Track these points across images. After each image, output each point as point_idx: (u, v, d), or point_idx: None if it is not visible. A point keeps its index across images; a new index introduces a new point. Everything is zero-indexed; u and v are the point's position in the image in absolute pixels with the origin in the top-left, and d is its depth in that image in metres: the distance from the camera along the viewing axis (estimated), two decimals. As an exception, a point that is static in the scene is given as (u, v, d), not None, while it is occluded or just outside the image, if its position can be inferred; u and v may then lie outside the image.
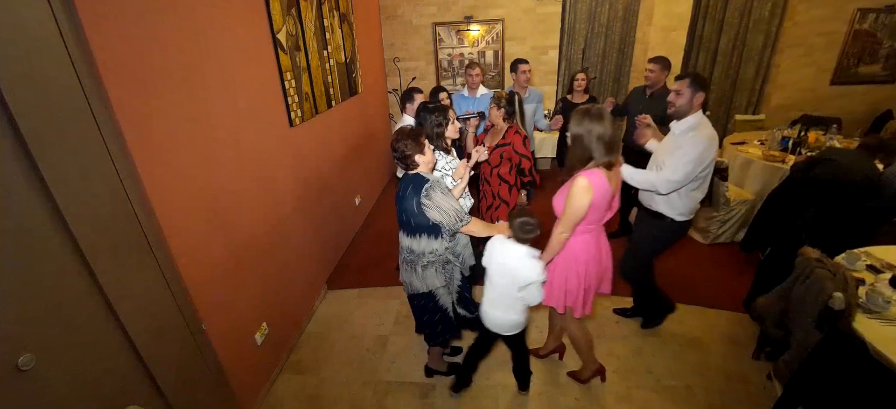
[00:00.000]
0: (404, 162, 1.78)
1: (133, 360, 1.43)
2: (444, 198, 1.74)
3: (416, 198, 1.73)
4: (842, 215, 2.44)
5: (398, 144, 1.75)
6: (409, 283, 1.95)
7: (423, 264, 1.86)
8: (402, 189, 1.83)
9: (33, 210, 1.12)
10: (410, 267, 1.90)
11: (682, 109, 2.03)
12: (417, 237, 1.84)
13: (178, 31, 1.65)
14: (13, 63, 1.05)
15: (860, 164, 2.45)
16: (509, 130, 2.51)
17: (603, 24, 4.67)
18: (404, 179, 1.85)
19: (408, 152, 1.74)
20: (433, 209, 1.73)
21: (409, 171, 1.82)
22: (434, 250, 1.85)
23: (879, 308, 1.66)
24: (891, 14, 4.61)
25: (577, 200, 1.65)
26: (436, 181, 1.76)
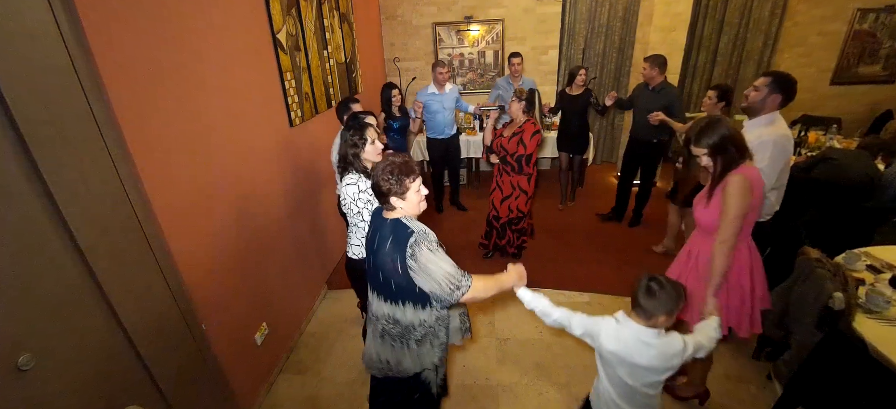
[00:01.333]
0: (378, 197, 1.37)
1: (133, 360, 1.43)
2: (434, 259, 1.29)
3: (400, 256, 1.29)
4: (842, 215, 2.44)
5: (379, 173, 1.32)
6: (396, 363, 1.47)
7: (416, 338, 1.43)
8: (373, 234, 1.42)
9: (33, 210, 1.12)
10: (399, 342, 1.44)
11: (754, 106, 2.01)
12: (400, 306, 1.39)
13: (178, 31, 1.65)
14: (13, 63, 1.05)
15: (860, 163, 2.46)
16: (527, 121, 2.80)
17: (603, 24, 4.67)
18: (376, 221, 1.42)
19: (385, 189, 1.32)
20: (420, 274, 1.29)
21: (384, 210, 1.40)
22: (423, 322, 1.41)
23: (879, 308, 1.66)
24: (891, 14, 4.61)
25: (739, 200, 1.48)
26: (422, 234, 1.31)
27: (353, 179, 1.83)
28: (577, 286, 2.95)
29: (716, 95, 2.67)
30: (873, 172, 2.45)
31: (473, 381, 2.31)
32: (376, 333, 1.48)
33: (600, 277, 3.07)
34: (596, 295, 2.91)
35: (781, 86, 1.99)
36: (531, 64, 4.87)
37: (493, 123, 3.05)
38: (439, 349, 1.48)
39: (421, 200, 1.38)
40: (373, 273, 1.43)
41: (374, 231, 1.42)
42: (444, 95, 3.75)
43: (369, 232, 1.47)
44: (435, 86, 3.75)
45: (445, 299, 1.31)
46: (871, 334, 1.55)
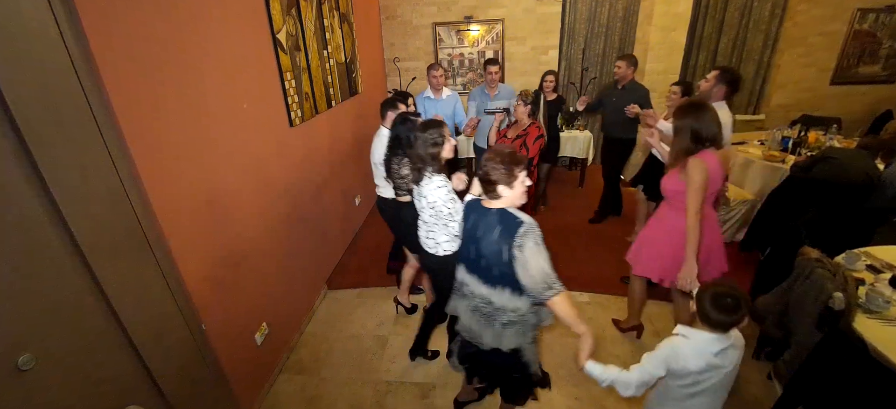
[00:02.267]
0: (486, 186, 1.46)
1: (133, 360, 1.43)
2: (536, 253, 1.35)
3: (508, 244, 1.37)
4: (841, 214, 2.44)
5: (488, 164, 1.42)
6: (478, 334, 1.61)
7: (502, 322, 1.53)
8: (476, 221, 1.52)
9: (33, 210, 1.12)
10: (485, 319, 1.56)
11: (704, 94, 2.44)
12: (498, 290, 1.48)
13: (178, 31, 1.65)
14: (13, 63, 1.05)
15: (860, 163, 2.46)
16: (531, 125, 2.83)
17: (603, 24, 4.67)
18: (476, 211, 1.54)
19: (494, 178, 1.41)
20: (520, 265, 1.36)
21: (490, 200, 1.49)
22: (517, 309, 1.49)
23: (879, 308, 1.66)
24: (891, 14, 4.61)
25: (699, 176, 1.75)
26: (531, 226, 1.37)
27: (441, 180, 1.86)
28: (578, 287, 2.95)
29: (680, 90, 2.92)
30: (873, 172, 2.44)
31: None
32: (469, 308, 1.61)
33: (600, 277, 3.07)
34: (596, 295, 2.91)
35: (727, 79, 2.40)
36: (531, 64, 4.87)
37: (497, 126, 3.06)
38: (528, 333, 1.58)
39: (523, 190, 1.46)
40: (473, 258, 1.53)
41: (476, 221, 1.52)
42: (440, 101, 3.50)
43: (468, 222, 1.58)
44: (431, 91, 3.53)
45: (536, 294, 1.38)
46: (871, 335, 1.55)
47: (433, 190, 1.85)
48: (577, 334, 1.41)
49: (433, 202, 1.86)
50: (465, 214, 1.63)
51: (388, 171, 2.23)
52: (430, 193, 1.86)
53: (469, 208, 1.61)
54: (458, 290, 1.68)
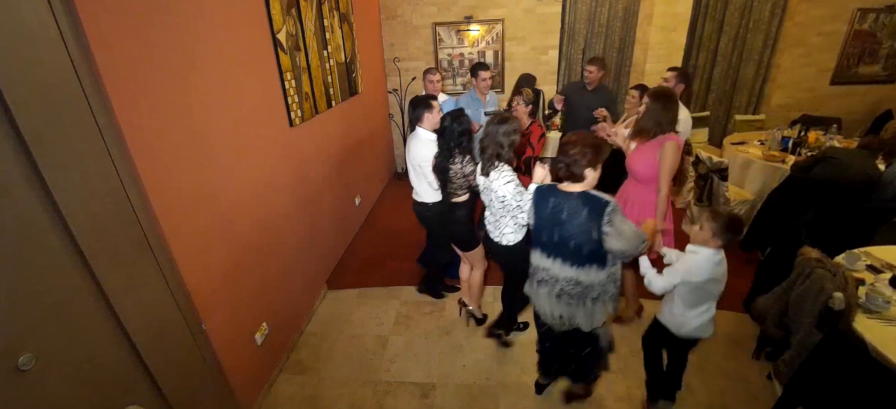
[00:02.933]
0: (569, 172, 1.56)
1: (133, 360, 1.43)
2: (625, 221, 1.51)
3: (598, 223, 1.48)
4: (841, 214, 2.44)
5: (574, 149, 1.52)
6: (569, 318, 1.69)
7: (592, 297, 1.64)
8: (558, 205, 1.59)
9: (33, 210, 1.12)
10: (576, 300, 1.64)
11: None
12: (586, 268, 1.59)
13: (178, 31, 1.65)
14: (13, 63, 1.05)
15: (860, 163, 2.45)
16: (533, 124, 2.83)
17: (603, 24, 4.67)
18: (557, 195, 1.61)
19: (583, 163, 1.52)
20: (613, 237, 1.48)
21: (573, 184, 1.58)
22: (601, 282, 1.62)
23: (879, 308, 1.65)
24: (891, 14, 4.61)
25: (672, 159, 1.98)
26: (614, 203, 1.51)
27: (510, 172, 1.93)
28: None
29: (638, 93, 3.00)
30: (874, 172, 2.44)
31: (473, 381, 2.31)
32: (553, 293, 1.68)
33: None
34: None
35: (684, 78, 2.76)
36: (531, 64, 4.87)
37: None
38: (611, 303, 1.69)
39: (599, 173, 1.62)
40: (557, 242, 1.62)
41: (557, 205, 1.60)
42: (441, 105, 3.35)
43: (547, 209, 1.64)
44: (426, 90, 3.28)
45: (630, 253, 1.54)
46: (871, 335, 1.55)
47: (503, 185, 1.91)
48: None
49: (503, 196, 1.92)
50: (538, 201, 1.69)
51: (444, 172, 2.19)
52: (500, 186, 1.92)
53: (543, 195, 1.67)
54: (534, 276, 1.76)
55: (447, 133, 2.13)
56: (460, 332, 2.66)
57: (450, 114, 2.15)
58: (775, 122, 4.60)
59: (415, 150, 2.38)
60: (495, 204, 1.99)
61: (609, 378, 2.27)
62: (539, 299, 1.76)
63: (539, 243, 1.71)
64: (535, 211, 1.71)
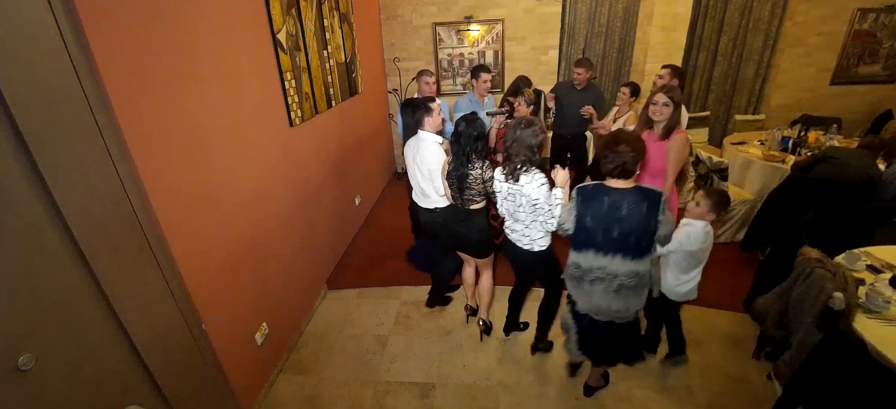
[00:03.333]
0: (624, 170, 1.60)
1: (133, 360, 1.43)
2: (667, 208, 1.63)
3: (656, 214, 1.57)
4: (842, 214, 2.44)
5: (626, 147, 1.57)
6: (625, 309, 1.73)
7: (643, 284, 1.70)
8: (615, 202, 1.62)
9: (33, 210, 1.12)
10: (633, 292, 1.69)
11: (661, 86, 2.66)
12: (645, 259, 1.66)
13: (178, 31, 1.65)
14: (13, 63, 1.05)
15: (860, 163, 2.45)
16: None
17: (603, 24, 4.67)
18: (609, 193, 1.64)
19: (634, 160, 1.59)
20: (665, 224, 1.60)
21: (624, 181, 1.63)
22: (648, 269, 1.70)
23: (879, 308, 1.66)
24: (891, 14, 4.61)
25: (681, 152, 2.14)
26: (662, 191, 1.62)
27: (542, 176, 1.89)
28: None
29: (629, 90, 3.29)
30: (874, 172, 2.44)
31: (473, 381, 2.31)
32: (611, 289, 1.70)
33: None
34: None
35: (678, 74, 2.95)
36: (531, 64, 4.87)
37: (497, 127, 3.05)
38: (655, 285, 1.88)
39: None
40: (617, 239, 1.63)
41: (613, 203, 1.62)
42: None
43: (602, 208, 1.64)
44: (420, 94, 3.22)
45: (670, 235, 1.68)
46: (871, 335, 1.55)
47: (536, 188, 1.86)
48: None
49: (536, 199, 1.87)
50: (586, 202, 1.69)
51: (462, 179, 2.10)
52: (533, 190, 1.87)
53: (592, 196, 1.67)
54: (585, 277, 1.74)
55: (463, 138, 2.06)
56: (460, 332, 2.66)
57: (463, 118, 2.09)
58: (775, 122, 4.60)
59: (424, 154, 2.29)
60: (525, 209, 1.93)
61: (610, 378, 2.27)
62: (593, 297, 1.75)
63: (592, 243, 1.69)
64: (584, 212, 1.69)
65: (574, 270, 1.78)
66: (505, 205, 2.05)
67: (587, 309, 1.81)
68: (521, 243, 2.05)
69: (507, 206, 2.03)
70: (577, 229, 1.73)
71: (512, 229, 2.08)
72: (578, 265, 1.75)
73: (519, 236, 2.05)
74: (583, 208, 1.70)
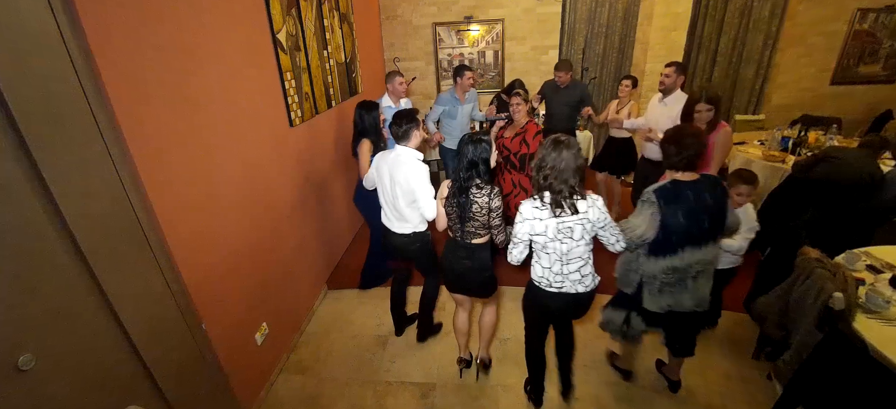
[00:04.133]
0: (691, 162, 1.63)
1: (133, 360, 1.43)
2: None
3: (726, 198, 1.68)
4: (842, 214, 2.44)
5: (693, 140, 1.61)
6: (706, 299, 1.77)
7: (713, 267, 1.77)
8: (698, 195, 1.63)
9: (33, 210, 1.12)
10: (705, 278, 1.74)
11: (669, 87, 2.91)
12: (715, 244, 1.73)
13: (178, 30, 1.65)
14: (13, 63, 1.05)
15: (861, 163, 2.45)
16: (529, 122, 2.87)
17: (603, 24, 4.67)
18: (690, 187, 1.64)
19: (699, 152, 1.63)
20: (731, 213, 1.70)
21: (691, 173, 1.67)
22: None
23: (879, 308, 1.66)
24: (891, 14, 4.61)
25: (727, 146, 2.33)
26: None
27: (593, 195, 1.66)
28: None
29: (630, 83, 3.51)
30: (875, 171, 2.43)
31: (473, 381, 2.31)
32: (688, 278, 1.72)
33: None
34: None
35: (682, 69, 2.95)
36: (531, 64, 4.87)
37: (497, 131, 3.07)
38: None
39: None
40: (708, 228, 1.67)
41: (697, 195, 1.64)
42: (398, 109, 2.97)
43: (689, 203, 1.64)
44: (391, 99, 3.19)
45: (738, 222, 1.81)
46: (871, 334, 1.55)
47: (600, 208, 1.63)
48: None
49: (603, 223, 1.63)
50: (669, 203, 1.65)
51: (464, 207, 1.80)
52: (598, 211, 1.62)
53: (673, 195, 1.65)
54: (687, 275, 1.72)
55: (467, 160, 1.78)
56: (460, 332, 2.66)
57: (469, 137, 1.80)
58: (775, 122, 4.59)
59: (407, 173, 2.00)
60: (584, 242, 1.64)
61: (609, 379, 2.27)
62: (698, 292, 1.75)
63: (688, 239, 1.66)
64: (672, 213, 1.64)
65: (668, 275, 1.71)
66: (551, 248, 1.65)
67: (689, 306, 1.76)
68: (576, 289, 1.70)
69: (556, 248, 1.64)
70: (666, 232, 1.65)
71: (560, 274, 1.69)
72: (675, 268, 1.70)
73: (572, 283, 1.70)
74: (669, 209, 1.64)
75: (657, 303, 1.79)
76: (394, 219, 2.19)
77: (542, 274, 1.72)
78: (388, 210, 2.21)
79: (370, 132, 2.58)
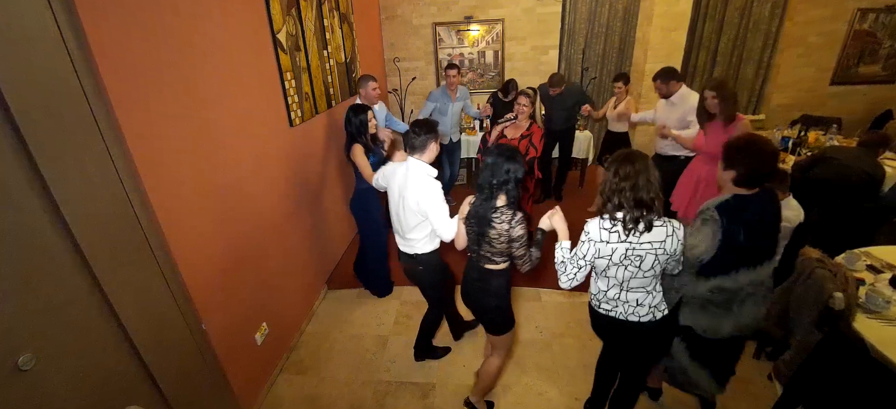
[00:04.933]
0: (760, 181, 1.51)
1: (133, 360, 1.43)
2: None
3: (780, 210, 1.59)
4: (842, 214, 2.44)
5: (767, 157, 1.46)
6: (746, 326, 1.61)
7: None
8: (763, 208, 1.52)
9: (33, 210, 1.12)
10: (755, 302, 1.58)
11: (666, 94, 3.03)
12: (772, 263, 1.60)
13: (178, 31, 1.65)
14: (13, 63, 1.05)
15: (860, 162, 2.45)
16: (532, 125, 2.87)
17: (603, 24, 4.67)
18: (754, 202, 1.51)
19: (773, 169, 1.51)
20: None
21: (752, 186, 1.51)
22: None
23: (879, 308, 1.66)
24: (891, 14, 4.61)
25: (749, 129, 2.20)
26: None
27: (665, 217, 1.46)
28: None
29: (623, 81, 3.62)
30: (875, 171, 2.43)
31: (473, 381, 2.31)
32: (758, 300, 1.59)
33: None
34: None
35: (669, 75, 3.00)
36: (531, 64, 4.87)
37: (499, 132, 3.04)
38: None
39: None
40: (763, 248, 1.56)
41: (762, 212, 1.53)
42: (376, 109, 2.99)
43: (752, 219, 1.50)
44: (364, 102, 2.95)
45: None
46: (871, 335, 1.55)
47: (676, 230, 1.42)
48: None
49: (675, 249, 1.42)
50: (731, 220, 1.48)
51: (484, 223, 1.60)
52: (670, 236, 1.41)
53: (736, 211, 1.50)
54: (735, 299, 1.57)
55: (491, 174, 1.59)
56: (460, 332, 2.66)
57: (501, 149, 1.61)
58: (775, 122, 4.60)
59: (415, 196, 1.84)
60: (654, 266, 1.44)
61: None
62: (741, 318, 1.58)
63: (743, 260, 1.53)
64: (730, 231, 1.48)
65: (713, 294, 1.57)
66: (611, 273, 1.50)
67: (725, 333, 1.60)
68: (628, 318, 1.55)
69: (619, 274, 1.49)
70: (725, 251, 1.50)
71: (615, 299, 1.55)
72: (723, 289, 1.55)
73: (633, 309, 1.53)
74: (731, 228, 1.48)
75: (697, 322, 1.64)
76: (400, 235, 2.05)
77: (596, 291, 1.61)
78: (395, 223, 2.05)
79: (357, 136, 2.51)
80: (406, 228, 1.96)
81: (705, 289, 1.58)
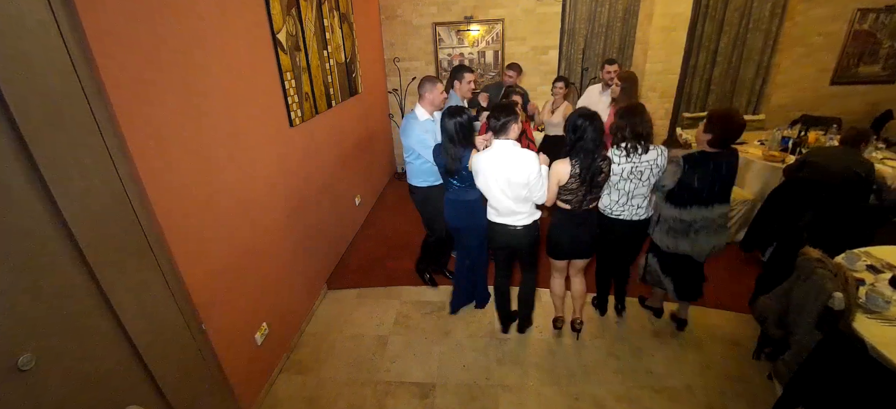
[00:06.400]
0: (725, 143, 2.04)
1: (133, 360, 1.43)
2: None
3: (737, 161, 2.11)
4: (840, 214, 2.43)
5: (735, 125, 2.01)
6: (720, 244, 2.20)
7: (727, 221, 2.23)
8: (719, 165, 2.03)
9: (33, 210, 1.12)
10: (725, 229, 2.21)
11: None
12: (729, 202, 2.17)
13: (177, 31, 1.65)
14: (13, 62, 1.05)
15: (841, 161, 2.43)
16: (524, 121, 2.88)
17: (603, 24, 4.67)
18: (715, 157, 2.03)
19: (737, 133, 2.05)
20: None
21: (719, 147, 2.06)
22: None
23: (879, 308, 1.66)
24: (891, 14, 4.61)
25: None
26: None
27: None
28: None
29: (563, 84, 3.55)
30: (860, 167, 2.40)
31: (473, 381, 2.31)
32: (712, 230, 2.15)
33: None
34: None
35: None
36: (531, 64, 4.87)
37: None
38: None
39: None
40: (718, 192, 2.09)
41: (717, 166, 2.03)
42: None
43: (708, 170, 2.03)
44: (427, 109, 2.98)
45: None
46: (871, 335, 1.55)
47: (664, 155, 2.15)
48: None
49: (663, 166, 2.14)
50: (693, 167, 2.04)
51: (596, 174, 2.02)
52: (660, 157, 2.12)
53: (698, 162, 2.04)
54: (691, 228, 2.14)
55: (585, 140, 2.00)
56: (460, 332, 2.66)
57: (583, 114, 1.99)
58: (775, 122, 4.60)
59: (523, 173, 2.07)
60: (646, 180, 2.13)
61: (609, 379, 2.27)
62: (697, 243, 2.14)
63: (697, 199, 2.08)
64: (691, 174, 2.05)
65: (675, 223, 2.15)
66: (621, 186, 2.16)
67: (683, 251, 2.18)
68: (632, 217, 2.24)
69: (624, 185, 2.15)
70: (681, 189, 2.09)
71: (623, 205, 2.22)
72: (680, 220, 2.13)
73: (633, 211, 2.23)
74: (693, 171, 2.04)
75: (662, 241, 2.23)
76: (507, 212, 2.20)
77: (606, 203, 2.26)
78: (500, 207, 2.19)
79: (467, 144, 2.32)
80: (516, 202, 2.16)
81: (670, 215, 2.16)
